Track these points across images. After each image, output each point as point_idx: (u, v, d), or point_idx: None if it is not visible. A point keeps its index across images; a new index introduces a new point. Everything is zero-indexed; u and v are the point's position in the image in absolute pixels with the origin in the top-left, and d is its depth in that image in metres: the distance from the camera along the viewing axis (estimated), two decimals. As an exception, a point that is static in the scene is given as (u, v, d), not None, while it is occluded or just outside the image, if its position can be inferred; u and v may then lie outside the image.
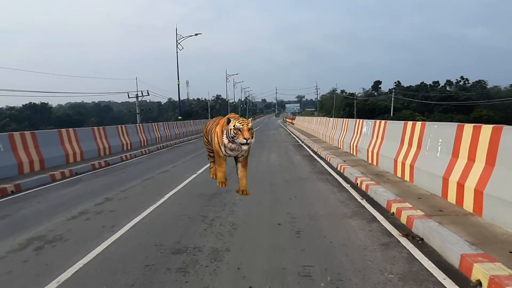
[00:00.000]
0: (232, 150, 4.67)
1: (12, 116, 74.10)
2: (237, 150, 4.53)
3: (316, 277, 2.85)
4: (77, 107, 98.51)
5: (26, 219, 4.84)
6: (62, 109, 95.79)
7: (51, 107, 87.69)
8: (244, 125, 4.26)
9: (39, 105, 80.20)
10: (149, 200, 5.51)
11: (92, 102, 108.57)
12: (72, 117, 79.98)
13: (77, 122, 69.01)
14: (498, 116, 56.12)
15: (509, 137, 3.66)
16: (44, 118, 76.42)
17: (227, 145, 4.50)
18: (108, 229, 4.19)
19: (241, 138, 4.22)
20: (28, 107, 79.27)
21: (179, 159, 11.15)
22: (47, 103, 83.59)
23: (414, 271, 2.94)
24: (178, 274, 2.95)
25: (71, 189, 6.90)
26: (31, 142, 8.62)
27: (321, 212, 4.71)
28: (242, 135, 4.21)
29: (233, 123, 4.32)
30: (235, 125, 4.29)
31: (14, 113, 75.64)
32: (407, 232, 3.82)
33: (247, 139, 4.20)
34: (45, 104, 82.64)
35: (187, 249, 3.49)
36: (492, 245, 3.09)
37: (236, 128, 4.26)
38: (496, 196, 3.61)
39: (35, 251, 3.58)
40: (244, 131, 4.21)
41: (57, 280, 2.89)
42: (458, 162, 4.48)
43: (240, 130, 4.23)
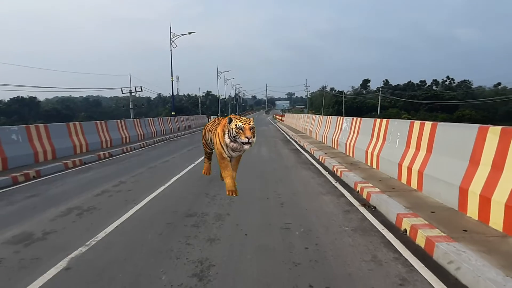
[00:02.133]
0: (234, 150, 4.67)
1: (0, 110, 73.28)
2: (239, 150, 4.51)
3: (293, 229, 3.96)
4: (66, 102, 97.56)
5: (57, 196, 5.82)
6: (50, 103, 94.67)
7: (39, 101, 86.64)
8: (246, 124, 4.27)
9: (27, 99, 79.28)
10: (158, 183, 6.54)
11: (80, 97, 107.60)
12: (61, 112, 79.46)
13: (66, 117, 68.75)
14: (480, 115, 58.32)
15: (440, 131, 4.84)
16: (32, 112, 75.78)
17: (229, 145, 4.47)
18: (130, 202, 5.22)
19: (243, 137, 4.22)
20: (16, 101, 78.26)
21: (176, 152, 12.16)
22: (35, 97, 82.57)
23: (363, 226, 4.08)
24: (192, 228, 4.03)
25: (85, 175, 7.87)
26: (45, 134, 9.53)
27: (301, 191, 5.85)
28: (244, 134, 4.21)
29: (235, 123, 4.33)
30: (236, 124, 4.29)
31: (2, 107, 74.81)
32: (365, 203, 4.98)
33: (249, 138, 4.21)
34: (34, 98, 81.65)
35: (197, 214, 4.56)
36: (420, 208, 4.25)
37: (238, 128, 4.26)
38: (431, 175, 4.79)
39: (78, 216, 4.61)
40: (246, 130, 4.22)
41: (104, 231, 3.93)
42: (409, 151, 5.66)
43: (242, 129, 4.23)
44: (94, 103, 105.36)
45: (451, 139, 4.58)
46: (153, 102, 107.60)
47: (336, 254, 3.28)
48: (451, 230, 3.45)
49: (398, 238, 3.64)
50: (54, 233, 3.95)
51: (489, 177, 3.62)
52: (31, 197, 5.76)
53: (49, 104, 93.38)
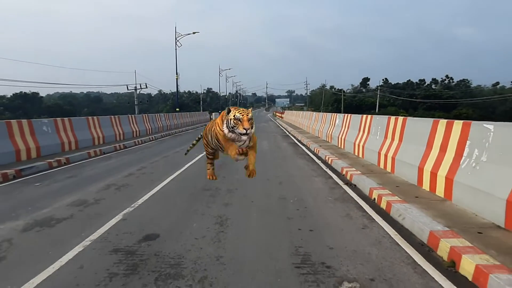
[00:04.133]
0: (233, 140, 4.67)
1: (4, 105, 74.21)
2: (237, 140, 4.53)
3: (288, 199, 5.09)
4: (68, 97, 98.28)
5: (92, 177, 6.95)
6: (52, 99, 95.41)
7: (42, 97, 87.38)
8: (244, 115, 4.29)
9: (30, 94, 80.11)
10: (174, 167, 7.67)
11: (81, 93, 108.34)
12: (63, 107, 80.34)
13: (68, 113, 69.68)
14: (477, 114, 59.21)
15: (409, 124, 5.97)
16: (35, 107, 76.67)
17: (227, 135, 4.50)
18: (156, 181, 6.35)
19: (241, 128, 4.23)
20: (19, 96, 79.10)
21: (184, 144, 13.27)
22: (38, 93, 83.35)
23: (344, 197, 5.22)
24: (210, 197, 5.16)
25: (109, 162, 9.01)
26: (69, 126, 10.65)
27: (296, 174, 6.99)
28: (242, 125, 4.22)
29: (233, 113, 4.35)
30: (235, 115, 4.32)
31: (5, 102, 75.75)
32: (348, 182, 6.11)
33: (247, 129, 4.22)
34: (36, 93, 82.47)
35: (211, 188, 5.70)
36: (389, 184, 5.38)
37: (236, 118, 4.28)
38: (400, 159, 5.92)
39: (116, 189, 5.75)
40: (244, 121, 4.22)
41: (142, 199, 5.07)
42: (386, 141, 6.80)
43: (240, 120, 4.25)
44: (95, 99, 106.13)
45: (416, 130, 5.71)
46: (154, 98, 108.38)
47: (319, 212, 4.43)
48: (406, 197, 4.59)
49: (368, 204, 4.78)
50: (103, 200, 5.09)
51: (437, 157, 4.75)
52: (71, 178, 6.90)
53: (51, 99, 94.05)
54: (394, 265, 2.95)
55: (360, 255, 3.13)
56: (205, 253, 3.18)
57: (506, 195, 3.33)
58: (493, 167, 3.67)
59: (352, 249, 3.26)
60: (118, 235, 3.65)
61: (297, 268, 2.88)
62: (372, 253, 3.17)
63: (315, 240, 3.49)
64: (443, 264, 2.94)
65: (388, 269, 2.87)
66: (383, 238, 3.56)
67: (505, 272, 2.49)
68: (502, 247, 2.96)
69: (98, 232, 3.73)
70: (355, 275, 2.76)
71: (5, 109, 70.98)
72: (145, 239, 3.53)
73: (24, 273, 2.81)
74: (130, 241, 3.46)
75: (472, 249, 2.90)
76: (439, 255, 3.08)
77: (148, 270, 2.85)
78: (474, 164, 3.97)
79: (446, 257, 2.97)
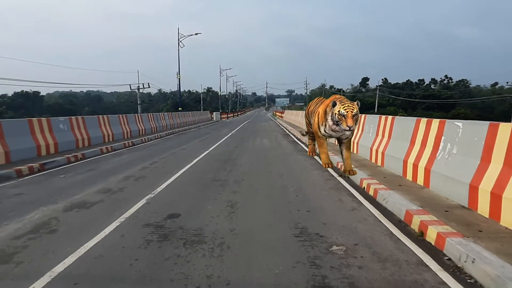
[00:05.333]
0: (334, 131, 4.70)
1: (5, 104, 74.75)
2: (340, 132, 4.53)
3: (288, 187, 5.78)
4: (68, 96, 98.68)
5: (110, 170, 7.64)
6: (53, 97, 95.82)
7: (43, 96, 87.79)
8: (349, 111, 4.20)
9: (31, 93, 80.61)
10: (184, 162, 8.36)
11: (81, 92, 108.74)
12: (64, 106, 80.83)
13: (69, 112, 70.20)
14: (474, 114, 59.87)
15: (396, 122, 6.67)
16: (36, 106, 77.19)
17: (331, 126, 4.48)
18: (169, 173, 7.04)
19: (345, 125, 4.20)
20: (20, 95, 79.59)
21: (189, 142, 13.99)
22: (39, 92, 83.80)
23: (338, 186, 5.91)
24: (219, 187, 5.85)
25: (121, 158, 9.69)
26: (82, 124, 11.34)
27: (296, 168, 7.69)
28: (346, 122, 4.18)
29: (338, 108, 4.29)
30: (340, 110, 4.26)
31: (7, 101, 76.29)
32: (342, 174, 6.81)
33: (350, 127, 4.17)
34: (37, 92, 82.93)
35: (220, 179, 6.39)
36: (378, 175, 6.07)
37: (340, 114, 4.23)
38: (389, 154, 6.62)
39: (135, 180, 6.44)
40: (348, 118, 4.18)
41: (160, 187, 5.76)
42: (377, 138, 7.49)
43: (344, 117, 4.19)
44: (95, 98, 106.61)
45: (402, 128, 6.40)
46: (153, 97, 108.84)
47: (315, 198, 5.12)
48: (391, 186, 5.28)
49: (359, 192, 5.47)
50: (126, 188, 5.78)
51: (418, 151, 5.45)
52: (91, 171, 7.59)
53: (52, 98, 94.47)
54: (375, 235, 3.64)
55: (348, 228, 3.83)
56: (221, 227, 3.88)
57: (469, 180, 4.02)
58: (461, 158, 4.37)
59: (341, 224, 3.96)
60: (146, 214, 4.34)
61: (296, 237, 3.57)
62: (358, 227, 3.86)
63: (311, 218, 4.19)
64: (414, 234, 3.64)
65: (369, 238, 3.56)
66: (368, 217, 4.26)
67: (459, 236, 3.19)
68: (462, 221, 3.65)
69: (128, 212, 4.42)
70: (343, 241, 3.45)
71: (8, 108, 71.52)
72: (169, 217, 4.22)
73: (77, 240, 3.50)
74: (157, 219, 4.16)
75: (437, 222, 3.59)
76: (412, 228, 3.78)
77: (177, 238, 3.54)
78: (447, 156, 4.67)
79: (417, 229, 3.66)
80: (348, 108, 4.26)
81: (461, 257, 2.89)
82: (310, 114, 5.38)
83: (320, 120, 4.69)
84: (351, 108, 4.27)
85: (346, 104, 4.29)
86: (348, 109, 4.24)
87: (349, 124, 4.21)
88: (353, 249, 3.27)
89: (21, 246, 3.39)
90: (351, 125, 4.23)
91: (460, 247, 2.95)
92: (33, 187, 6.02)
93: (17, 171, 7.04)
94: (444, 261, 3.02)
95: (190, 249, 3.29)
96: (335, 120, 4.32)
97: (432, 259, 3.06)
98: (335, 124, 4.39)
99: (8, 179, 6.64)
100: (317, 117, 4.75)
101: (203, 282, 2.68)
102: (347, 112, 4.21)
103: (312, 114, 5.23)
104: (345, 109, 4.24)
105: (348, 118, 4.19)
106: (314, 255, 3.15)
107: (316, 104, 5.23)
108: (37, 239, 3.59)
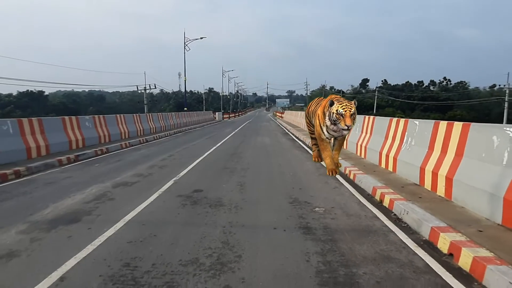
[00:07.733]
0: (334, 131, 4.67)
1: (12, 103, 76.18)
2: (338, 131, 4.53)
3: (286, 173, 7.14)
4: (72, 96, 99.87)
5: (135, 160, 9.00)
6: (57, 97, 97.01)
7: (47, 95, 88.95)
8: (347, 111, 4.19)
9: (36, 93, 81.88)
10: (196, 155, 9.72)
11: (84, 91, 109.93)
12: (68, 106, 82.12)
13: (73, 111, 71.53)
14: (471, 116, 60.81)
15: (376, 121, 8.03)
16: (41, 106, 78.51)
17: (329, 127, 4.50)
18: (186, 163, 8.39)
19: (343, 124, 4.18)
20: (25, 95, 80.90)
21: (197, 139, 15.36)
22: (43, 91, 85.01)
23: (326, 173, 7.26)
24: (230, 173, 7.21)
25: (141, 152, 11.05)
26: (103, 122, 12.71)
27: (293, 160, 9.05)
28: (344, 121, 4.17)
29: (336, 107, 4.28)
30: (337, 109, 4.25)
31: (13, 100, 77.72)
32: (331, 165, 8.16)
33: (348, 126, 4.18)
34: (42, 92, 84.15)
35: (230, 168, 7.75)
36: (359, 164, 7.42)
37: (338, 113, 4.22)
38: (370, 147, 7.97)
39: (159, 168, 7.80)
40: (346, 118, 4.17)
41: (182, 173, 7.11)
42: (362, 135, 8.85)
43: (342, 116, 4.18)
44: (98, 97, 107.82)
45: (381, 126, 7.75)
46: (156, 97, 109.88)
47: (307, 181, 6.48)
48: (367, 171, 6.63)
49: (343, 177, 6.81)
50: (154, 173, 7.15)
51: (390, 144, 6.80)
52: (119, 161, 8.96)
53: (56, 98, 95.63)
54: (348, 203, 4.99)
55: (329, 199, 5.18)
56: (235, 197, 5.23)
57: (420, 164, 5.37)
58: (416, 148, 5.72)
59: (324, 196, 5.31)
60: (177, 189, 5.71)
61: (290, 204, 4.93)
62: (336, 199, 5.21)
63: (302, 193, 5.54)
64: (376, 202, 4.99)
65: (343, 204, 4.91)
66: (346, 192, 5.61)
67: (403, 200, 4.54)
68: (410, 192, 5.00)
69: (162, 188, 5.78)
70: (323, 206, 4.81)
71: (15, 107, 72.97)
72: (195, 191, 5.58)
73: (132, 204, 4.84)
74: (186, 192, 5.51)
75: (394, 194, 4.93)
76: (375, 198, 5.13)
77: (203, 203, 4.90)
78: (408, 147, 6.03)
79: (379, 199, 5.01)
80: (346, 107, 4.19)
81: (401, 212, 4.25)
82: (311, 114, 5.49)
83: (321, 121, 4.67)
84: (349, 107, 4.20)
85: (344, 103, 4.26)
86: (346, 108, 4.17)
87: (347, 123, 4.12)
88: (330, 210, 4.63)
89: (93, 207, 4.75)
90: (349, 124, 4.13)
91: (402, 206, 4.31)
92: (78, 173, 7.38)
93: (58, 161, 8.40)
94: (390, 216, 4.38)
95: (215, 208, 4.65)
96: (333, 120, 4.24)
97: (383, 215, 4.42)
98: (332, 124, 4.31)
99: (52, 166, 8.00)
100: (318, 119, 4.75)
101: (227, 224, 4.04)
102: (345, 111, 4.13)
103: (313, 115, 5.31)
104: (343, 108, 4.17)
105: (346, 117, 4.11)
106: (302, 213, 4.51)
107: (317, 104, 5.31)
108: (102, 203, 4.95)
